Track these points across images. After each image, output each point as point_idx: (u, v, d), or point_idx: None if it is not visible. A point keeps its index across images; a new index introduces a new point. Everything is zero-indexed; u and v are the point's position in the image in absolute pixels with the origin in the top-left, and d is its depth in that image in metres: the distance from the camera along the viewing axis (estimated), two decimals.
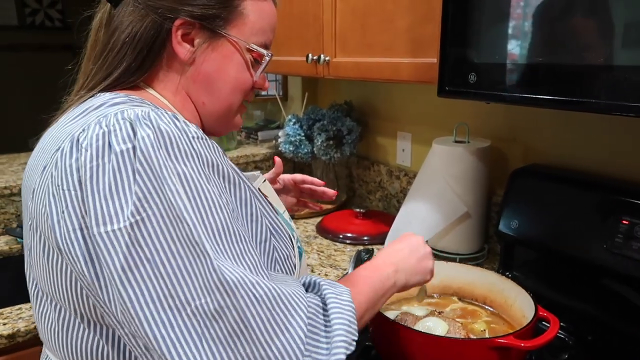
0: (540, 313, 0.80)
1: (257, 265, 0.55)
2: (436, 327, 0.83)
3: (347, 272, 1.20)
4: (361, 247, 1.38)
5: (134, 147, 0.51)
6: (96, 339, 0.58)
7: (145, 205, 0.50)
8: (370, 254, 1.30)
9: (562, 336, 0.95)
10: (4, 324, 1.03)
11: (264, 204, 0.66)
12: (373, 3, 1.18)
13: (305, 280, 0.63)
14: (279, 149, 1.75)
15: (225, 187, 0.58)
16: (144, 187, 0.50)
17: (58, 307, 0.59)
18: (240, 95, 0.70)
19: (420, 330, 0.79)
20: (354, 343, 0.56)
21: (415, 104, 1.56)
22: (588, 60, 0.74)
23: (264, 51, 0.68)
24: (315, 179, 1.05)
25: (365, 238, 1.44)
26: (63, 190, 0.53)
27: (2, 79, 5.44)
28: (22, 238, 1.44)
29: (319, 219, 1.60)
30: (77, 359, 0.59)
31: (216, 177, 0.57)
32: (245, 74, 0.68)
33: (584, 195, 1.01)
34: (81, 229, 0.51)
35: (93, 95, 0.64)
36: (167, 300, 0.49)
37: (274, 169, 1.02)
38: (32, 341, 1.03)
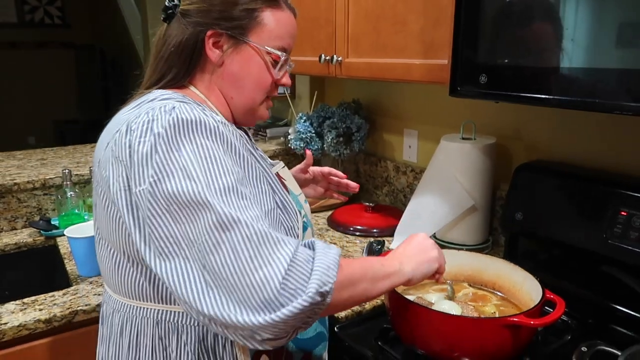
0: (547, 295, 0.87)
1: (258, 216, 0.65)
2: (451, 309, 0.90)
3: None
4: (372, 239, 1.45)
5: (166, 130, 0.66)
6: (137, 275, 0.75)
7: (162, 168, 0.64)
8: (381, 245, 1.37)
9: (565, 319, 1.02)
10: (40, 310, 1.09)
11: (275, 183, 0.82)
12: (386, 7, 1.25)
13: (305, 241, 0.70)
14: (289, 145, 1.82)
15: (239, 163, 0.73)
16: (163, 156, 0.65)
17: (111, 249, 0.77)
18: (262, 91, 0.84)
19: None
20: (329, 284, 0.62)
21: (421, 103, 1.63)
22: (589, 64, 0.81)
23: (279, 53, 0.82)
24: (339, 172, 1.17)
25: (375, 230, 1.51)
26: (119, 160, 0.69)
27: (2, 76, 5.45)
28: (45, 230, 1.51)
29: (329, 213, 1.67)
30: (124, 290, 0.77)
31: (232, 153, 0.71)
32: (265, 73, 0.82)
33: (584, 188, 1.08)
34: (126, 189, 0.68)
35: (149, 92, 0.80)
36: (177, 242, 0.63)
37: (305, 160, 1.17)
38: (67, 326, 1.09)
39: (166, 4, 0.82)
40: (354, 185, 1.15)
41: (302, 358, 0.89)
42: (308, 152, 1.17)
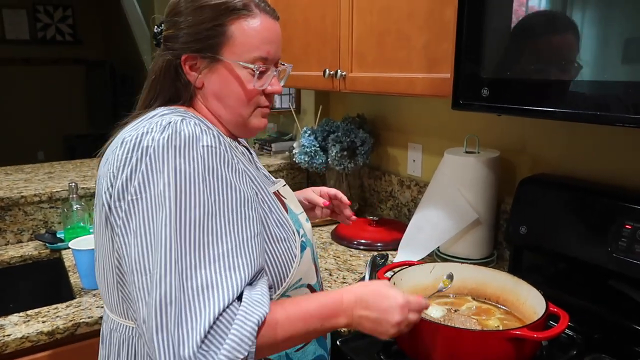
0: (551, 309, 0.86)
1: (217, 255, 0.66)
2: (436, 312, 0.90)
3: (363, 276, 1.26)
4: (375, 253, 1.44)
5: (154, 146, 0.67)
6: (122, 296, 0.75)
7: (141, 189, 0.66)
8: (385, 259, 1.36)
9: (570, 334, 1.01)
10: (44, 322, 1.09)
11: (270, 202, 0.80)
12: (389, 22, 1.26)
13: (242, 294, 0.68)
14: (294, 159, 1.83)
15: (220, 188, 0.69)
16: (145, 176, 0.66)
17: (105, 267, 0.76)
18: (246, 105, 0.81)
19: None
20: (239, 357, 0.62)
21: (425, 117, 1.63)
22: (590, 77, 0.81)
23: (252, 66, 0.78)
24: (344, 197, 1.10)
25: (379, 244, 1.51)
26: (110, 173, 0.71)
27: (14, 91, 5.55)
28: (50, 243, 1.52)
29: (333, 227, 1.67)
30: (119, 310, 0.77)
31: (213, 179, 0.69)
32: (244, 88, 0.79)
33: (588, 202, 1.07)
34: (107, 202, 0.70)
35: (151, 109, 0.81)
36: (137, 263, 0.65)
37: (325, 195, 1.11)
38: (69, 338, 1.09)
39: (155, 29, 0.84)
40: (349, 214, 1.10)
41: None
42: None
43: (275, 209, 0.81)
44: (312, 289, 0.87)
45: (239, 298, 0.65)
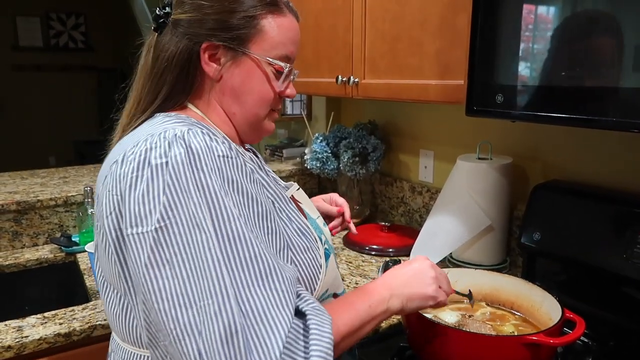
0: (567, 315, 0.86)
1: (265, 269, 0.61)
2: (450, 317, 0.89)
3: None
4: (387, 259, 1.45)
5: (167, 162, 0.60)
6: (134, 319, 0.68)
7: (170, 213, 0.58)
8: (397, 264, 1.36)
9: (586, 341, 1.00)
10: (60, 324, 1.10)
11: (291, 209, 0.76)
12: (402, 29, 1.28)
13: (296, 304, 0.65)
14: (305, 165, 1.84)
15: (242, 202, 0.65)
16: (170, 198, 0.59)
17: (119, 294, 0.69)
18: (265, 105, 0.77)
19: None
20: None
21: (436, 123, 1.64)
22: (603, 82, 0.82)
23: (282, 64, 0.75)
24: (348, 213, 1.11)
25: (391, 250, 1.51)
26: (112, 194, 0.63)
27: (27, 97, 5.63)
28: (65, 247, 1.53)
29: (344, 232, 1.67)
30: (125, 335, 0.70)
31: (234, 192, 0.64)
32: (266, 86, 0.75)
33: (602, 208, 1.07)
34: (118, 229, 0.62)
35: (150, 116, 0.74)
36: (178, 297, 0.57)
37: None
38: (86, 340, 1.11)
39: (157, 12, 0.75)
40: (352, 228, 1.11)
41: None
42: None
43: (294, 217, 0.76)
44: None
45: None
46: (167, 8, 0.74)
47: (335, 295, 0.83)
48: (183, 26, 0.72)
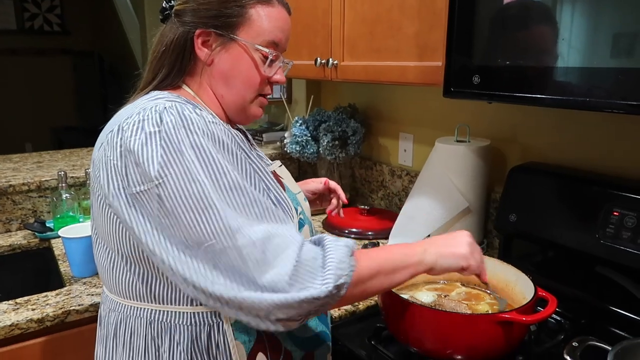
0: (540, 293, 0.87)
1: (263, 211, 0.69)
2: (426, 297, 0.90)
3: None
4: (367, 241, 1.45)
5: (159, 130, 0.68)
6: (130, 275, 0.76)
7: (166, 170, 0.66)
8: (376, 247, 1.37)
9: (558, 319, 1.02)
10: (33, 310, 1.08)
11: (270, 180, 0.82)
12: (381, 12, 1.26)
13: (314, 238, 0.74)
14: (285, 149, 1.82)
15: (232, 161, 0.72)
16: (165, 157, 0.66)
17: (107, 249, 0.77)
18: (252, 88, 0.83)
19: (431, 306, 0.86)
20: (343, 277, 0.66)
21: (416, 107, 1.64)
22: (583, 63, 0.82)
23: (267, 50, 0.81)
24: (343, 195, 1.16)
25: (370, 233, 1.51)
26: (110, 160, 0.70)
27: (1, 82, 5.46)
28: (39, 232, 1.50)
29: (324, 216, 1.67)
30: (119, 290, 0.78)
31: (224, 152, 0.71)
32: (254, 71, 0.82)
33: (577, 189, 1.09)
34: (123, 189, 0.69)
35: (145, 93, 0.81)
36: (185, 242, 0.66)
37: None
38: (60, 326, 1.09)
39: (163, 4, 0.83)
40: (340, 212, 1.17)
41: (302, 358, 0.86)
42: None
43: (273, 187, 0.81)
44: None
45: None
46: (172, 1, 0.82)
47: None
48: (181, 15, 0.80)
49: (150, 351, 0.76)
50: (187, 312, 0.75)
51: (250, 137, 0.94)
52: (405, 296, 0.96)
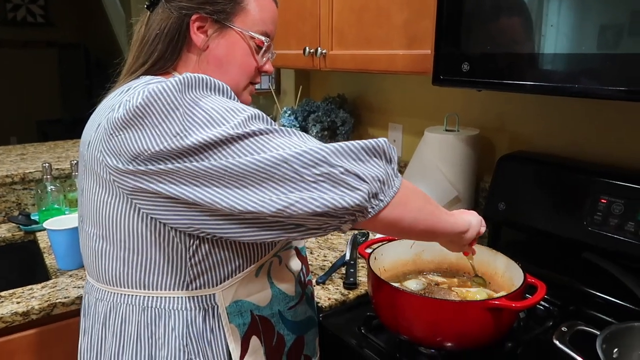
0: (529, 280, 0.87)
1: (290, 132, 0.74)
2: (416, 285, 0.90)
3: (344, 254, 1.26)
4: (356, 232, 1.45)
5: (171, 90, 0.66)
6: (120, 262, 0.74)
7: (187, 123, 0.65)
8: (366, 237, 1.37)
9: (547, 306, 1.03)
10: (18, 303, 1.06)
11: None
12: (370, 0, 1.25)
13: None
14: None
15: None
16: (183, 112, 0.65)
17: (95, 236, 0.76)
18: (245, 75, 0.84)
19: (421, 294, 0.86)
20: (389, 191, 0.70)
21: (405, 97, 1.63)
22: (569, 49, 0.82)
23: (263, 38, 0.83)
24: None
25: None
26: (110, 136, 0.68)
27: None
28: (24, 225, 1.48)
29: None
30: (108, 278, 0.76)
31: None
32: (249, 58, 0.83)
33: (565, 177, 1.09)
34: (135, 157, 0.66)
35: (137, 77, 0.80)
36: (222, 178, 0.65)
37: None
38: (45, 319, 1.07)
39: None
40: None
41: (294, 342, 0.88)
42: None
43: None
44: (298, 252, 0.91)
45: None
46: None
47: (296, 248, 0.91)
48: (175, 1, 0.79)
49: (143, 338, 0.75)
50: (181, 297, 0.75)
51: None
52: (395, 284, 0.96)
